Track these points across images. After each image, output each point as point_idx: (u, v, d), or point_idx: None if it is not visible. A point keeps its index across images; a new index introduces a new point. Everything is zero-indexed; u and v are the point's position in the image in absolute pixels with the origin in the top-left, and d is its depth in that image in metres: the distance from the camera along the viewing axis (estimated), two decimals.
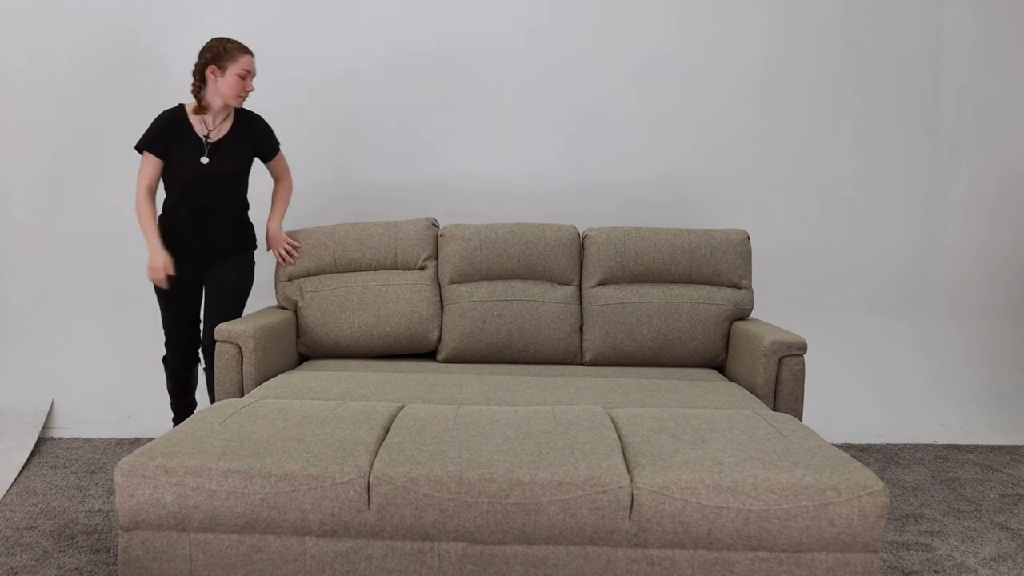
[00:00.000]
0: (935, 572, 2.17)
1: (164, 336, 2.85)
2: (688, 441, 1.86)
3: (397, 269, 3.02)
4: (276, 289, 3.02)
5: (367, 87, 3.52)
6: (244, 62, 2.65)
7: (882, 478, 2.92)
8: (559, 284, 3.01)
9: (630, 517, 1.68)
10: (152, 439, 2.61)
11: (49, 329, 3.57)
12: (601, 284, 2.98)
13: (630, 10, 3.51)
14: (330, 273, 3.01)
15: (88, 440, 3.25)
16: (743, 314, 2.95)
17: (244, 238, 2.88)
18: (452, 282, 3.00)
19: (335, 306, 2.94)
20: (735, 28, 3.52)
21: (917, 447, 3.30)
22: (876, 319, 3.69)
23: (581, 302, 3.00)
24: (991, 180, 3.65)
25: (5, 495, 2.65)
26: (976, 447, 3.30)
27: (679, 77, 3.54)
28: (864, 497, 1.65)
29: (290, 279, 3.01)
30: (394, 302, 2.93)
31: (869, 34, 3.54)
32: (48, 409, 3.38)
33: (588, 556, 1.71)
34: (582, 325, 2.97)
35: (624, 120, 3.56)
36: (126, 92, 3.45)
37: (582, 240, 3.04)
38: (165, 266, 2.66)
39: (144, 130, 2.71)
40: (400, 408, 2.14)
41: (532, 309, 2.91)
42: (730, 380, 2.80)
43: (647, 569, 1.70)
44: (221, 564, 1.74)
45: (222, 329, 2.57)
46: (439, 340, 2.97)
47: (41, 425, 3.26)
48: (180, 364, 2.86)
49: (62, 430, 3.33)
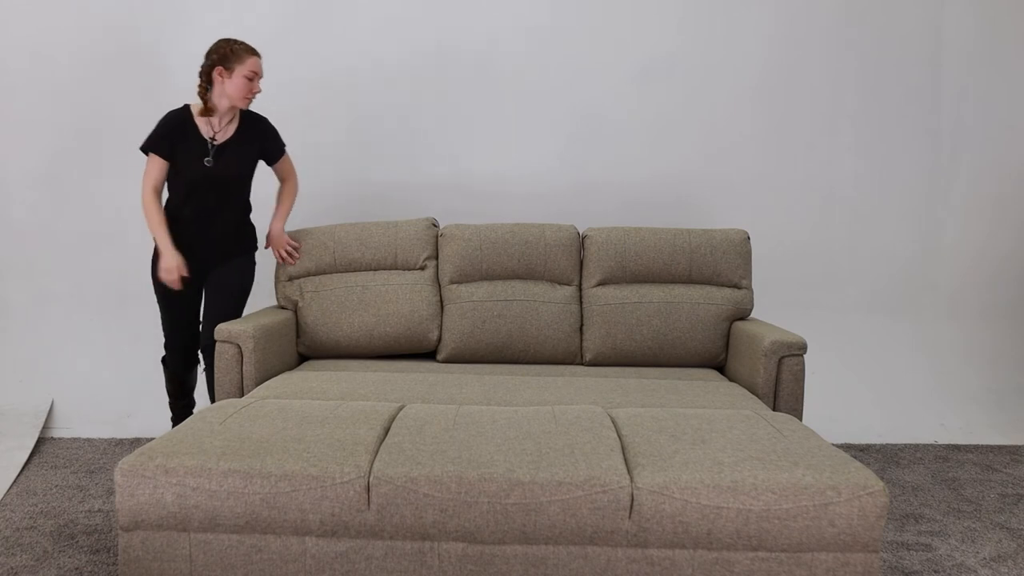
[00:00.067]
0: (935, 572, 2.17)
1: (163, 337, 2.85)
2: (688, 441, 1.86)
3: (397, 269, 3.02)
4: (276, 289, 3.02)
5: (367, 87, 3.52)
6: (251, 64, 2.64)
7: (882, 478, 2.92)
8: (559, 284, 3.01)
9: (630, 517, 1.68)
10: (152, 439, 2.61)
11: (49, 329, 3.57)
12: (601, 284, 2.98)
13: (630, 10, 3.51)
14: (330, 273, 3.01)
15: (88, 440, 3.25)
16: (743, 314, 2.95)
17: (246, 239, 2.88)
18: (452, 282, 3.00)
19: (335, 306, 2.94)
20: (735, 28, 3.52)
21: (917, 447, 3.30)
22: (876, 319, 3.69)
23: (581, 302, 3.00)
24: (991, 180, 3.65)
25: (5, 495, 2.65)
26: (976, 447, 3.30)
27: (679, 77, 3.54)
28: (864, 497, 1.65)
29: (290, 279, 3.01)
30: (394, 302, 2.93)
31: (869, 34, 3.54)
32: (48, 409, 3.38)
33: (588, 556, 1.71)
34: (582, 325, 2.97)
35: (624, 120, 3.56)
36: (126, 92, 3.45)
37: (582, 240, 3.04)
38: (179, 266, 2.65)
39: (148, 131, 2.70)
40: (400, 408, 2.14)
41: (532, 309, 2.91)
42: (730, 380, 2.80)
43: (647, 569, 1.70)
44: (221, 564, 1.74)
45: (222, 329, 2.57)
46: (439, 340, 2.97)
47: (41, 425, 3.26)
48: (179, 365, 2.86)
49: (62, 430, 3.33)
